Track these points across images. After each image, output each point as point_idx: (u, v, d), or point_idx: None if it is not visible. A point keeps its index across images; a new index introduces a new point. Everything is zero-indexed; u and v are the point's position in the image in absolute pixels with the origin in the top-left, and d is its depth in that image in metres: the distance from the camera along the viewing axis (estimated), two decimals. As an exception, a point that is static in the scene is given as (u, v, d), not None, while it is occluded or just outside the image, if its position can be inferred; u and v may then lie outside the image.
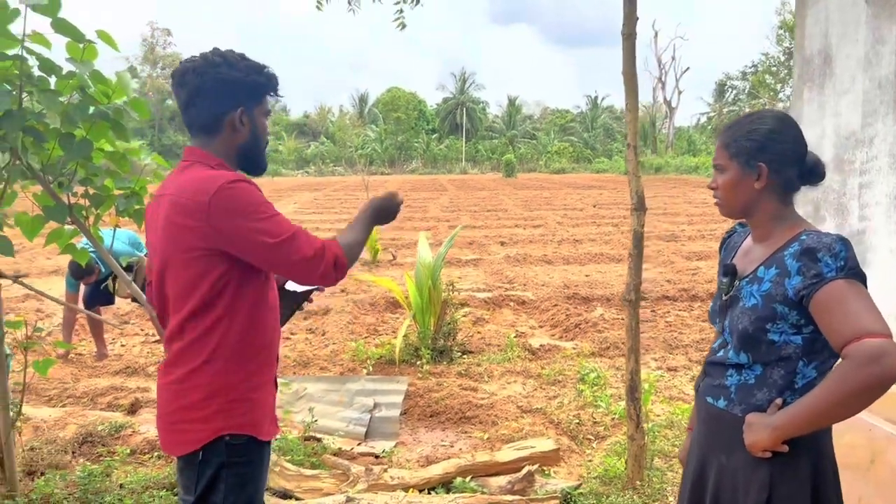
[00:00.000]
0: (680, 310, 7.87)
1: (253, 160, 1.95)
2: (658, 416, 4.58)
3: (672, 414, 4.58)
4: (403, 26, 4.47)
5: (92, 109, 2.71)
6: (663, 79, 62.00)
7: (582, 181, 40.40)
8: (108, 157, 2.92)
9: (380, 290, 8.49)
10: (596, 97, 74.10)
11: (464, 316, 7.13)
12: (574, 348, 6.35)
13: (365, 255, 11.54)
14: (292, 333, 7.05)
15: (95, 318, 4.44)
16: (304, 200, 26.49)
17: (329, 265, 1.81)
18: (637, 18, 3.23)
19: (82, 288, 6.16)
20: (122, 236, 5.87)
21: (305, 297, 2.09)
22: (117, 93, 2.78)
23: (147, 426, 4.44)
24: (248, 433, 1.86)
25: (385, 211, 2.08)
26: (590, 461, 3.98)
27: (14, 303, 8.13)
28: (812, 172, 1.70)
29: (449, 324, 6.05)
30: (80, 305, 6.11)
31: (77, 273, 5.86)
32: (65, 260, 9.90)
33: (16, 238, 2.99)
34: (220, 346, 1.83)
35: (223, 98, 1.87)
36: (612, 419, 4.54)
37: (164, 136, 59.49)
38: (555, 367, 5.72)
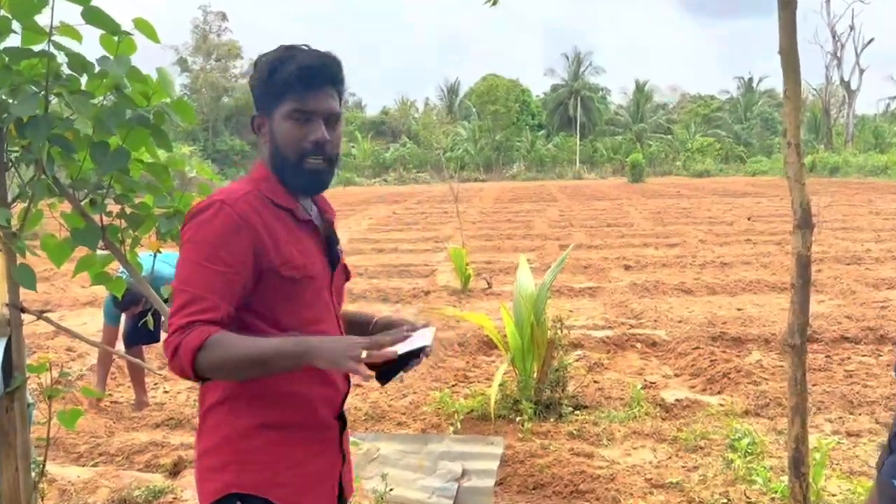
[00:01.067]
0: (864, 355, 7.52)
1: (280, 175, 2.08)
2: (833, 495, 4.38)
3: (852, 493, 4.36)
4: (495, 2, 4.52)
5: (129, 113, 2.86)
6: (839, 54, 59.80)
7: (732, 186, 39.37)
8: (148, 170, 3.07)
9: (470, 327, 8.52)
10: (750, 79, 72.36)
11: (576, 360, 7.05)
12: (721, 405, 6.17)
13: (454, 282, 11.63)
14: (363, 379, 7.17)
15: (134, 361, 4.65)
16: (381, 215, 27.00)
17: (172, 346, 1.84)
18: (798, -20, 3.13)
19: (123, 320, 6.38)
20: (172, 259, 6.10)
21: (415, 355, 2.05)
22: (158, 93, 2.91)
23: (191, 491, 4.60)
24: (263, 496, 1.95)
25: (326, 355, 1.83)
26: (741, 553, 3.83)
27: (43, 339, 8.64)
28: None
29: (557, 370, 6.00)
30: (119, 341, 6.38)
31: (119, 302, 5.99)
32: (103, 289, 10.46)
33: (44, 264, 3.18)
34: (229, 387, 2.00)
35: (255, 106, 2.10)
36: (772, 499, 4.37)
37: (218, 140, 61.54)
38: (695, 429, 5.56)
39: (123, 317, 6.32)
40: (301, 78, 1.98)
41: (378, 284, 12.15)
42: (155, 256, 3.41)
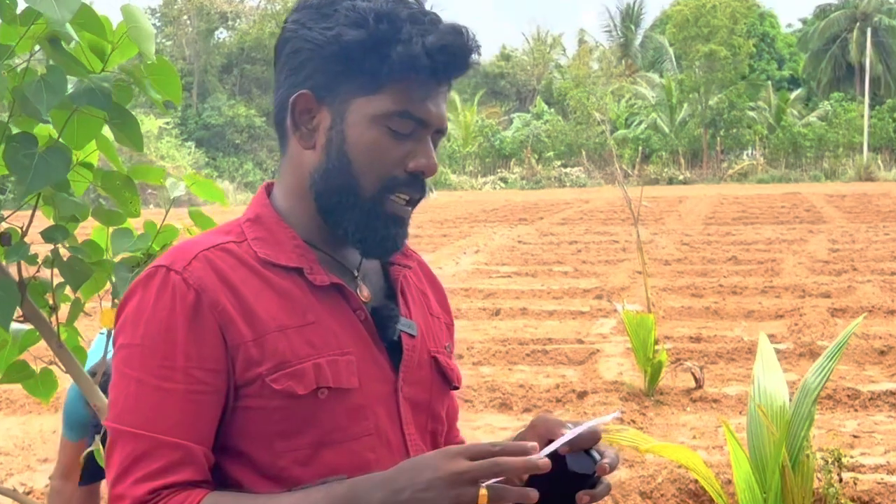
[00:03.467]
0: None
1: (329, 212, 2.13)
2: None
3: None
4: None
5: (72, 83, 2.96)
6: None
7: None
8: (102, 184, 3.16)
9: (663, 464, 8.43)
10: None
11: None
12: None
13: (631, 375, 11.50)
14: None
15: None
16: (495, 245, 27.10)
17: None
18: None
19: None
20: None
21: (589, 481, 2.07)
22: (123, 48, 3.01)
23: None
24: None
25: None
26: None
27: None
28: None
29: (832, 554, 5.89)
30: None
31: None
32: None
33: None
34: None
35: (295, 73, 2.13)
36: None
37: (207, 105, 62.24)
38: None
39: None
40: (436, 65, 2.04)
41: (489, 377, 12.18)
42: (109, 337, 3.50)
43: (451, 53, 2.03)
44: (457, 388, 2.32)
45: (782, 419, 5.93)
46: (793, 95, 68.15)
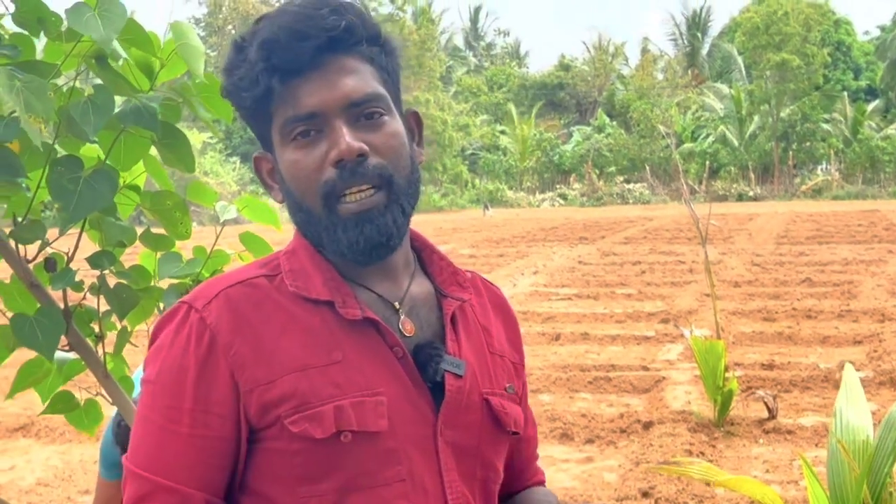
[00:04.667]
0: None
1: (315, 242, 2.15)
2: None
3: None
4: None
5: (120, 102, 2.98)
6: None
7: None
8: (150, 206, 3.18)
9: (735, 499, 8.37)
10: None
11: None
12: None
13: (700, 404, 11.43)
14: None
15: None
16: (554, 266, 27.04)
17: None
18: None
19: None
20: None
21: None
22: (172, 66, 3.04)
23: None
24: None
25: None
26: None
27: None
28: None
29: None
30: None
31: (122, 437, 5.99)
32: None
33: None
34: None
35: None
36: None
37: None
38: None
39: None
40: (271, 63, 2.02)
41: (550, 405, 12.15)
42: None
43: (274, 41, 1.99)
44: (515, 433, 2.24)
45: (865, 454, 5.87)
46: (870, 107, 67.54)
